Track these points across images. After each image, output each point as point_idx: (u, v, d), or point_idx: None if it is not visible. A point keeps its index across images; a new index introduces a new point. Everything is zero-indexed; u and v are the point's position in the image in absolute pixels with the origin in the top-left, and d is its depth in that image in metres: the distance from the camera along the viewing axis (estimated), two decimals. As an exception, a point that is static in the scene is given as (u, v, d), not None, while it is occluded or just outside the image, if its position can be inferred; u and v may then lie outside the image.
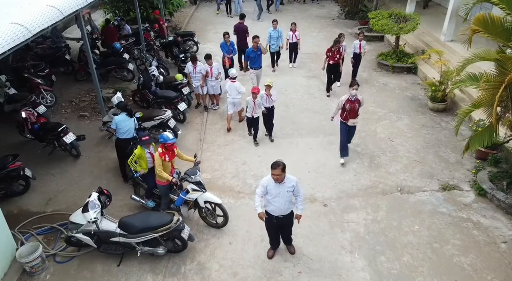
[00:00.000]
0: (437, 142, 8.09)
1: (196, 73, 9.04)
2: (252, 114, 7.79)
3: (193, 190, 5.68)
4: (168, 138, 5.64)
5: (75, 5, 6.14)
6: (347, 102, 7.01)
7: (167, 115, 7.76)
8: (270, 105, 7.78)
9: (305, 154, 7.83)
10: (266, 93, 7.64)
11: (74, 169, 7.36)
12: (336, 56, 9.57)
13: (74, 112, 9.49)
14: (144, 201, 6.16)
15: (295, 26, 11.15)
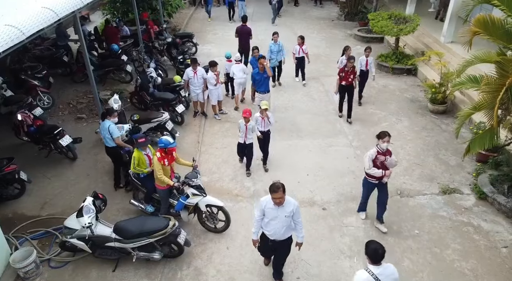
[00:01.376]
0: (437, 144, 8.01)
1: (198, 78, 8.70)
2: (244, 140, 6.94)
3: (193, 194, 5.55)
4: (169, 142, 5.49)
5: (71, 7, 6.07)
6: (377, 157, 5.46)
7: (165, 117, 7.69)
8: (266, 129, 7.02)
9: (304, 156, 7.76)
10: (261, 116, 6.84)
11: (71, 172, 7.29)
12: (350, 76, 8.37)
13: (72, 114, 9.42)
14: (143, 206, 6.04)
15: (302, 40, 10.21)
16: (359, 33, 14.72)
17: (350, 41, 14.58)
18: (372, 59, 9.21)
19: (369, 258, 3.70)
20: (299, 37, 10.25)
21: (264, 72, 8.28)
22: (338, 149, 7.95)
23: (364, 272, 3.67)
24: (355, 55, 13.44)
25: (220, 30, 16.05)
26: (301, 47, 10.24)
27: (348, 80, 8.40)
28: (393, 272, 3.71)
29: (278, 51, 10.07)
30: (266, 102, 7.02)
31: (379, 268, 3.65)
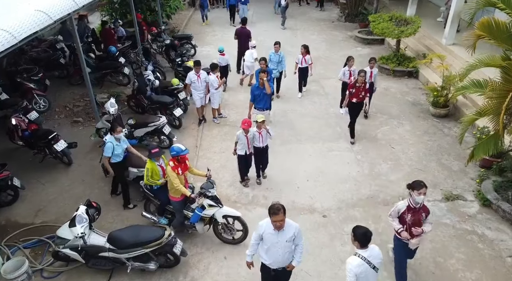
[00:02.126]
0: (439, 149, 7.87)
1: (201, 82, 8.46)
2: (246, 151, 6.52)
3: (209, 205, 5.28)
4: (181, 150, 5.25)
5: (64, 10, 5.93)
6: (407, 212, 4.54)
7: (162, 121, 7.55)
8: (264, 145, 6.57)
9: (304, 161, 7.61)
10: (259, 131, 6.40)
11: (65, 178, 7.14)
12: (361, 93, 7.57)
13: (68, 118, 9.28)
14: (156, 218, 5.75)
15: (306, 49, 9.47)
16: (360, 34, 14.59)
17: (350, 43, 14.47)
18: (377, 71, 8.58)
19: (359, 243, 3.85)
20: (303, 47, 9.52)
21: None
22: (339, 154, 7.81)
23: (356, 258, 3.82)
24: (355, 57, 13.46)
25: (219, 32, 15.92)
26: (304, 57, 9.60)
27: (359, 97, 7.59)
28: (379, 253, 3.91)
29: (278, 62, 9.45)
30: (262, 115, 6.60)
31: (367, 251, 3.83)
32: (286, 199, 6.53)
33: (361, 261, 3.78)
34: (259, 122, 6.30)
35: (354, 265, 3.76)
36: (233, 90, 10.77)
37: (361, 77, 7.43)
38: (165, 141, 7.85)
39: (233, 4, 16.18)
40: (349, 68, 8.61)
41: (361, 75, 7.44)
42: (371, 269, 3.81)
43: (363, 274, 3.77)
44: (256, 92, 7.65)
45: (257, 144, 6.52)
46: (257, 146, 6.55)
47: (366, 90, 7.66)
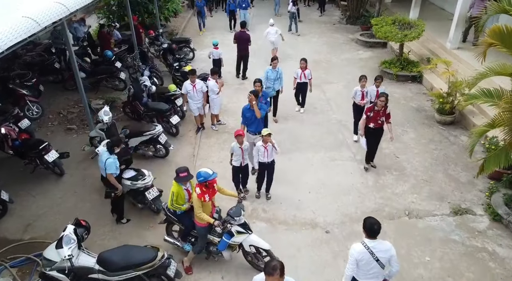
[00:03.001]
0: (446, 158, 7.58)
1: (197, 92, 8.14)
2: (241, 162, 6.25)
3: (238, 232, 4.86)
4: (208, 175, 4.77)
5: (55, 15, 5.65)
6: None
7: (158, 130, 7.26)
8: (269, 160, 6.23)
9: (305, 171, 7.33)
10: (264, 145, 6.08)
11: (57, 189, 6.86)
12: (380, 118, 6.73)
13: (61, 125, 9.00)
14: (180, 244, 5.41)
15: (305, 63, 8.65)
16: (362, 37, 14.31)
17: (352, 46, 14.19)
18: (384, 89, 7.62)
19: (366, 233, 3.96)
20: (302, 60, 8.69)
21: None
22: (341, 164, 7.52)
23: (359, 244, 3.94)
24: (357, 60, 13.25)
25: (219, 35, 15.62)
26: (303, 72, 8.73)
27: (377, 122, 6.72)
28: (389, 248, 3.94)
29: (276, 79, 8.56)
30: (267, 130, 6.13)
31: (374, 242, 3.91)
32: (287, 213, 6.25)
33: (364, 249, 3.89)
34: (265, 135, 5.93)
35: (355, 250, 3.92)
36: (232, 95, 10.48)
37: (380, 101, 6.56)
38: (161, 150, 7.58)
39: (233, 9, 15.60)
40: (361, 89, 7.68)
41: (381, 99, 6.57)
42: (373, 260, 3.88)
43: (364, 261, 3.89)
44: (248, 114, 6.87)
45: (262, 159, 6.15)
46: (262, 162, 6.18)
47: (387, 115, 6.77)
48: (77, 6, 6.31)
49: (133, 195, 6.07)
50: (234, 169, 6.42)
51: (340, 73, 11.87)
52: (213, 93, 8.49)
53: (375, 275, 3.97)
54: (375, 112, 6.71)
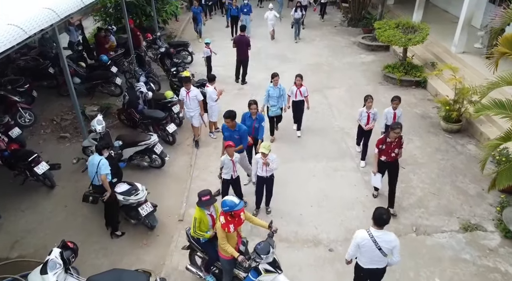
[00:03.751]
0: (453, 169, 7.28)
1: (190, 100, 7.68)
2: (232, 175, 5.91)
3: (266, 271, 4.39)
4: (234, 204, 4.28)
5: (42, 23, 5.35)
6: None
7: (153, 140, 6.97)
8: (267, 175, 5.89)
9: (307, 182, 7.04)
10: (263, 158, 5.69)
11: (47, 203, 6.55)
12: (393, 150, 5.83)
13: (54, 133, 8.70)
14: (203, 275, 5.02)
15: (301, 79, 7.85)
16: (364, 40, 14.00)
17: (353, 49, 13.89)
18: (401, 112, 6.86)
19: (374, 221, 4.06)
20: (298, 77, 7.84)
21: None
22: (345, 174, 7.23)
23: (363, 231, 4.08)
24: (359, 64, 12.93)
25: (218, 37, 15.32)
26: (299, 89, 7.85)
27: (390, 155, 5.86)
28: (393, 239, 4.05)
29: (278, 97, 7.77)
30: (268, 144, 5.74)
31: (380, 231, 4.03)
32: (288, 229, 5.96)
33: (367, 236, 4.03)
34: (262, 153, 5.60)
35: (358, 236, 4.08)
36: (231, 101, 10.17)
37: (394, 132, 5.63)
38: (157, 161, 7.28)
39: (234, 15, 14.57)
40: (367, 111, 6.92)
41: (395, 131, 5.63)
42: (375, 249, 4.01)
43: (365, 248, 4.06)
44: (226, 133, 6.27)
45: (260, 172, 5.83)
46: (260, 176, 5.86)
47: (401, 146, 5.90)
48: (68, 11, 6.02)
49: (125, 211, 5.77)
50: (224, 182, 6.04)
51: (342, 77, 11.57)
52: (212, 100, 8.21)
53: (377, 261, 4.14)
54: (388, 145, 5.81)
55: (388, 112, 6.90)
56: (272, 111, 7.88)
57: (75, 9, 6.34)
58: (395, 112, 6.84)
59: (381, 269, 4.24)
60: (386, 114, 6.89)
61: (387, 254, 4.06)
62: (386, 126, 6.81)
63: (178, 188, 6.74)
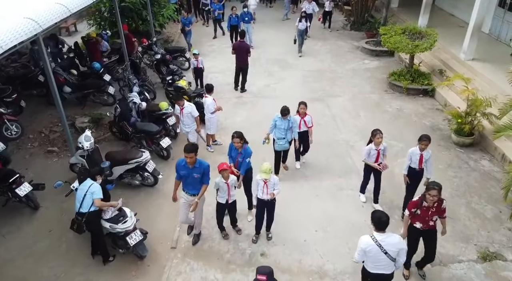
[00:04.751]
0: (467, 188, 6.79)
1: (184, 116, 7.20)
2: (227, 199, 5.43)
3: None
4: None
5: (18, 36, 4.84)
6: None
7: (145, 158, 6.47)
8: (270, 198, 5.38)
9: (310, 203, 6.54)
10: (264, 179, 5.23)
11: (30, 227, 6.06)
12: (431, 217, 4.64)
13: (42, 146, 8.21)
14: None
15: (305, 107, 6.85)
16: (367, 45, 13.53)
17: (357, 54, 13.42)
18: (430, 155, 5.71)
19: (374, 226, 4.07)
20: (302, 105, 6.84)
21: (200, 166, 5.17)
22: (351, 194, 6.73)
23: (367, 237, 4.07)
24: (363, 70, 12.43)
25: (216, 42, 14.88)
26: (303, 118, 6.86)
27: (428, 223, 4.66)
28: (398, 242, 4.02)
29: (287, 129, 6.68)
30: (268, 166, 5.17)
31: (383, 235, 4.01)
32: (291, 258, 5.47)
33: (371, 241, 4.01)
34: (263, 179, 5.17)
35: (363, 242, 4.05)
36: (229, 110, 9.71)
37: (431, 195, 4.40)
38: (149, 179, 6.79)
39: (234, 24, 13.51)
40: (376, 147, 5.90)
41: (431, 193, 4.39)
42: (382, 253, 3.98)
43: (372, 253, 4.01)
44: (183, 172, 5.11)
45: (261, 195, 5.35)
46: (261, 199, 5.38)
47: (442, 212, 4.68)
48: (51, 22, 5.53)
49: (112, 239, 5.28)
50: (219, 206, 5.57)
51: (346, 85, 11.09)
52: (208, 112, 7.73)
53: (385, 267, 4.07)
54: (423, 210, 4.60)
55: (413, 153, 5.71)
56: (278, 145, 6.77)
57: (59, 17, 5.85)
58: (422, 154, 5.64)
59: (389, 275, 4.15)
60: (411, 155, 5.72)
61: (394, 258, 4.01)
62: (410, 168, 5.78)
63: (172, 209, 6.25)
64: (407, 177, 5.85)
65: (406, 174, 5.85)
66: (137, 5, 12.62)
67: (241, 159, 5.81)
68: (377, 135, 5.84)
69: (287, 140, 6.80)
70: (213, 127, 7.96)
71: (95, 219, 5.04)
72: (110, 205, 5.06)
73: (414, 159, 5.72)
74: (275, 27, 16.12)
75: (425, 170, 5.78)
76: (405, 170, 5.85)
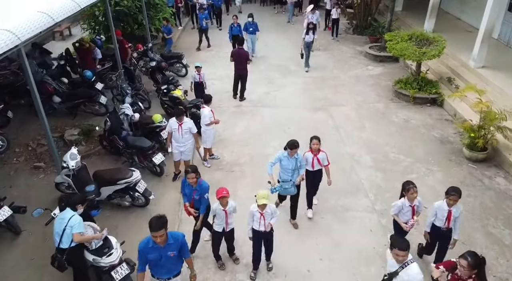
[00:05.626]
0: (483, 209, 6.32)
1: (183, 133, 6.61)
2: (224, 227, 4.97)
3: None
4: None
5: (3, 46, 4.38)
6: None
7: (135, 178, 5.99)
8: (267, 229, 4.85)
9: (314, 228, 6.05)
10: (260, 210, 4.73)
11: (10, 255, 5.58)
12: None
13: (28, 161, 7.73)
14: None
15: (318, 142, 5.67)
16: (371, 50, 13.07)
17: (360, 60, 12.95)
18: (459, 211, 4.78)
19: None
20: (315, 139, 5.66)
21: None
22: (358, 216, 6.26)
23: None
24: (367, 77, 11.95)
25: (215, 47, 14.40)
26: (316, 156, 5.72)
27: None
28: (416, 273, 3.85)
29: (294, 169, 5.58)
30: (264, 192, 4.64)
31: None
32: (293, 291, 4.99)
33: None
34: (261, 205, 4.64)
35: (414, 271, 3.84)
36: (227, 120, 9.25)
37: (464, 268, 3.63)
38: (140, 199, 6.31)
39: (236, 35, 12.56)
40: (410, 203, 4.86)
41: (463, 264, 3.63)
42: None
43: None
44: (151, 255, 3.91)
45: (256, 226, 4.83)
46: (258, 230, 4.85)
47: None
48: (30, 34, 5.05)
49: (96, 272, 4.80)
50: (215, 234, 5.10)
51: (349, 93, 10.63)
52: (204, 123, 7.26)
53: None
54: (454, 277, 3.86)
55: (440, 208, 4.76)
56: (283, 189, 5.63)
57: (42, 27, 5.37)
58: (451, 210, 4.71)
59: None
60: (437, 210, 4.81)
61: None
62: (434, 226, 4.90)
63: (164, 234, 5.78)
64: (429, 234, 4.96)
65: (428, 231, 4.96)
66: (133, 9, 12.19)
67: (198, 196, 5.03)
68: (411, 190, 4.76)
69: (293, 183, 5.60)
70: (209, 140, 7.49)
71: (77, 254, 4.56)
72: (93, 238, 4.58)
73: (440, 215, 4.77)
74: (276, 31, 15.65)
75: (454, 229, 4.86)
76: (428, 227, 4.95)
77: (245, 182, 7.11)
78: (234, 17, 12.96)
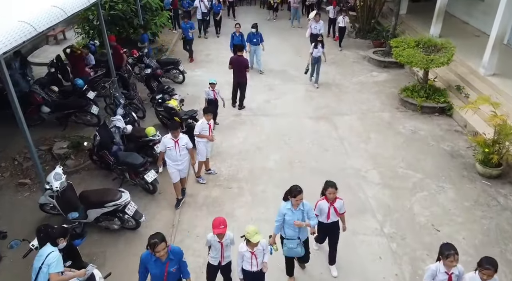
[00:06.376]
0: (499, 232, 5.86)
1: (180, 150, 6.10)
2: (220, 261, 4.47)
3: None
4: None
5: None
6: None
7: (124, 200, 5.53)
8: (257, 269, 4.33)
9: (318, 254, 5.57)
10: (251, 251, 4.23)
11: (-13, 285, 5.16)
12: None
13: (14, 177, 7.28)
14: None
15: (335, 190, 4.81)
16: (375, 56, 12.60)
17: (364, 66, 12.49)
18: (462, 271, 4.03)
19: None
20: (331, 187, 4.79)
21: None
22: (366, 240, 5.79)
23: None
24: (371, 84, 11.42)
25: (214, 50, 13.97)
26: (332, 205, 4.85)
27: None
28: None
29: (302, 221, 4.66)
30: (254, 228, 4.13)
31: None
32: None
33: None
34: (253, 243, 4.12)
35: None
36: (226, 131, 8.80)
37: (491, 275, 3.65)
38: (131, 221, 5.85)
39: (237, 44, 11.69)
40: (447, 270, 3.93)
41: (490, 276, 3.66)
42: None
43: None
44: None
45: (247, 267, 4.31)
46: (247, 270, 4.34)
47: None
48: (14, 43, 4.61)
49: (80, 312, 4.35)
50: (210, 267, 4.61)
51: (354, 101, 10.17)
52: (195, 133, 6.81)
53: None
54: None
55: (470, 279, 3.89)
56: (289, 249, 4.69)
57: (23, 38, 4.92)
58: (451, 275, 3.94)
59: None
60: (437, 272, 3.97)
61: None
62: None
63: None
64: None
65: None
66: (128, 13, 11.76)
67: (175, 266, 4.01)
68: (451, 257, 3.81)
69: (300, 241, 4.65)
70: (201, 153, 7.00)
71: None
72: (74, 276, 4.12)
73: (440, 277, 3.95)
74: (276, 36, 15.15)
75: None
76: None
77: (243, 201, 6.67)
78: (237, 26, 11.81)
